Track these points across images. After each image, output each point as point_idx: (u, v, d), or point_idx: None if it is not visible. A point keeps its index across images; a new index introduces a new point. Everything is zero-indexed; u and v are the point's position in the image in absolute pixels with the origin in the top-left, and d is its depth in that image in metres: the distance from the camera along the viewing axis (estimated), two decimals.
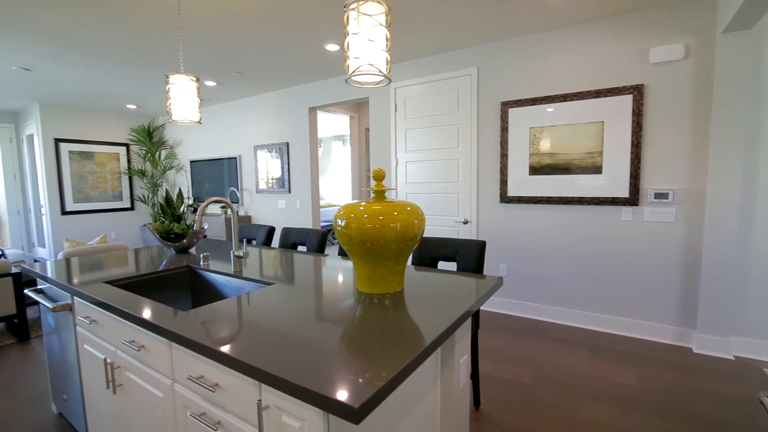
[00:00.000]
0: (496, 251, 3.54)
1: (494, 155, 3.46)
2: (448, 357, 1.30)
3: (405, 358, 0.88)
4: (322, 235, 2.41)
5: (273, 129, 5.11)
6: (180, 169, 6.54)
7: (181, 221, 2.28)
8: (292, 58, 3.73)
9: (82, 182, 5.98)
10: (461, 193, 3.65)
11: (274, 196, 5.19)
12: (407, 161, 3.95)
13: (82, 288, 1.55)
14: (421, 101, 3.80)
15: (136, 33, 3.03)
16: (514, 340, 2.96)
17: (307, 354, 0.91)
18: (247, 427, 0.94)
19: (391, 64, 1.44)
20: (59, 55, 3.53)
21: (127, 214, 6.56)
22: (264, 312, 1.22)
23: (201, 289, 1.90)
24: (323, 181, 9.69)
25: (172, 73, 2.10)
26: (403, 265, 1.41)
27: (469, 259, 1.87)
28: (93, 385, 1.62)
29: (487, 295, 1.43)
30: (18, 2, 2.49)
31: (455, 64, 3.59)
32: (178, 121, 2.13)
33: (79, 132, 5.93)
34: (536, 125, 3.22)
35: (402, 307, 1.25)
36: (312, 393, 0.75)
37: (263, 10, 2.69)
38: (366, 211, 1.30)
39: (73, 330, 1.70)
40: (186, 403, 1.12)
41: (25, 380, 2.50)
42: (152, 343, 1.23)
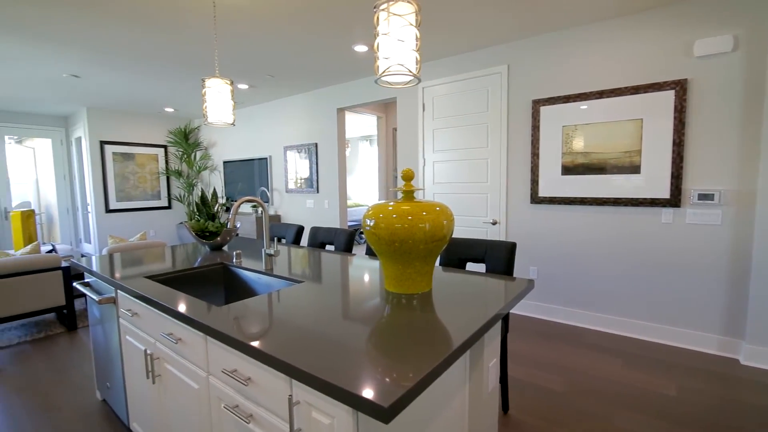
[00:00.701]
0: (526, 253, 3.45)
1: (525, 155, 3.37)
2: (477, 360, 1.28)
3: (434, 359, 0.88)
4: (350, 234, 2.43)
5: (302, 130, 5.21)
6: (214, 170, 6.78)
7: (215, 220, 2.36)
8: (322, 60, 3.78)
9: (124, 182, 6.32)
10: (490, 193, 3.59)
11: (303, 196, 5.29)
12: (435, 161, 3.92)
13: (125, 282, 1.64)
14: (449, 101, 3.76)
15: (175, 40, 3.17)
16: (545, 344, 2.88)
17: (336, 352, 0.92)
18: (278, 422, 0.96)
19: (420, 64, 1.43)
20: (105, 62, 3.74)
21: (164, 212, 6.87)
22: (294, 309, 1.24)
23: (234, 285, 1.97)
24: (350, 181, 9.78)
25: (208, 77, 2.18)
26: (432, 266, 1.40)
27: (499, 261, 1.84)
28: (134, 374, 1.71)
29: (518, 298, 1.40)
30: (70, 15, 2.66)
31: (485, 62, 3.53)
32: (213, 122, 2.21)
33: (122, 134, 6.27)
34: (569, 123, 3.12)
35: (430, 307, 1.24)
36: (342, 391, 0.76)
37: (294, 13, 2.74)
38: (395, 211, 1.30)
39: (117, 321, 1.80)
40: (220, 396, 1.16)
41: (72, 367, 2.67)
42: (189, 336, 1.28)
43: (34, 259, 3.16)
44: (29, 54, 3.46)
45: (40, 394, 2.33)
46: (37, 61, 3.65)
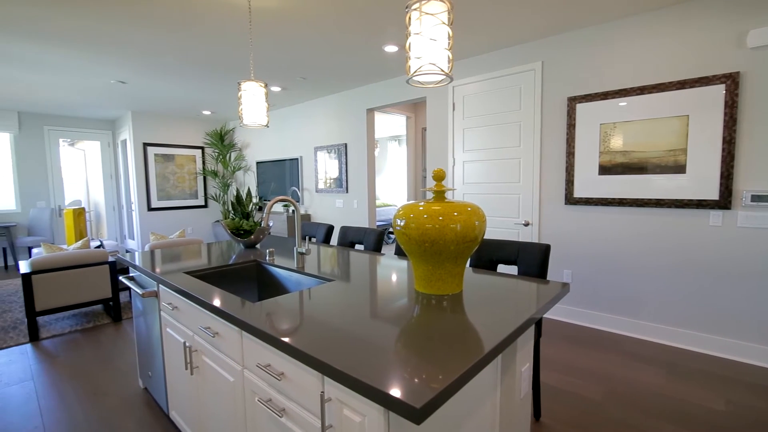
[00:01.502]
0: (560, 255, 3.34)
1: (559, 154, 3.26)
2: (509, 364, 1.25)
3: (466, 362, 0.87)
4: (379, 234, 2.44)
5: (332, 131, 5.28)
6: (247, 170, 7.00)
7: (249, 218, 2.44)
8: (352, 61, 3.82)
9: (164, 182, 6.64)
10: (522, 193, 3.50)
11: (333, 196, 5.36)
12: (465, 161, 3.86)
13: (166, 277, 1.72)
14: (480, 99, 3.70)
15: (213, 45, 3.30)
16: (580, 351, 2.77)
17: (367, 351, 0.92)
18: (310, 417, 0.98)
19: (452, 63, 1.42)
20: (149, 69, 3.94)
21: (201, 211, 7.17)
22: (324, 308, 1.26)
23: (266, 282, 2.02)
24: (379, 181, 9.81)
25: (244, 80, 2.25)
26: (463, 267, 1.39)
27: (532, 263, 1.79)
28: (173, 365, 1.79)
29: (552, 302, 1.36)
30: (119, 26, 2.83)
31: (518, 59, 3.44)
32: (248, 124, 2.28)
33: (163, 136, 6.59)
34: (607, 121, 2.99)
35: (461, 309, 1.23)
36: (373, 389, 0.76)
37: (327, 15, 2.78)
38: (425, 211, 1.29)
39: (158, 314, 1.90)
40: (254, 389, 1.20)
41: (117, 356, 2.83)
42: (225, 330, 1.33)
43: (85, 254, 3.38)
44: (83, 63, 3.70)
45: (89, 381, 2.49)
46: (89, 69, 3.90)
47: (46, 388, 2.41)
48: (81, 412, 2.14)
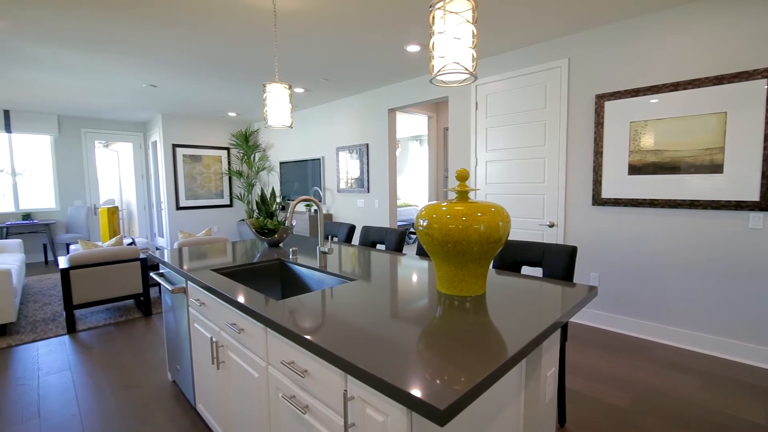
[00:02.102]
0: (587, 258, 3.25)
1: (586, 153, 3.17)
2: (533, 368, 1.22)
3: (490, 364, 0.85)
4: (401, 234, 2.44)
5: (354, 131, 5.32)
6: (271, 170, 7.13)
7: (273, 218, 2.48)
8: (374, 62, 3.83)
9: (192, 182, 6.85)
10: (547, 194, 3.42)
11: (354, 196, 5.40)
12: (487, 161, 3.81)
13: (194, 273, 1.78)
14: (503, 98, 3.64)
15: (239, 49, 3.38)
16: (608, 357, 2.68)
17: (389, 350, 0.92)
18: (332, 415, 0.99)
19: (476, 61, 1.40)
20: (178, 73, 4.08)
21: (226, 210, 7.36)
22: (347, 307, 1.27)
23: (289, 280, 2.05)
24: (400, 181, 9.80)
25: (269, 82, 2.30)
26: (486, 268, 1.37)
27: (558, 266, 1.75)
28: (200, 359, 1.85)
29: (579, 306, 1.32)
30: (151, 32, 2.94)
31: (543, 56, 3.37)
32: (273, 125, 2.32)
33: (191, 138, 6.81)
34: (638, 119, 2.88)
35: (484, 311, 1.21)
36: (397, 389, 0.76)
37: (349, 16, 2.80)
38: (448, 211, 1.28)
39: (186, 310, 1.96)
40: (278, 385, 1.22)
41: (148, 349, 2.95)
42: (250, 327, 1.36)
43: (118, 251, 3.53)
44: (117, 68, 3.86)
45: (122, 372, 2.60)
46: (123, 73, 4.07)
47: (82, 378, 2.53)
48: (114, 403, 2.24)
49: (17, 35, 3.01)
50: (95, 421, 2.07)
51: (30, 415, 2.13)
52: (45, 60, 3.61)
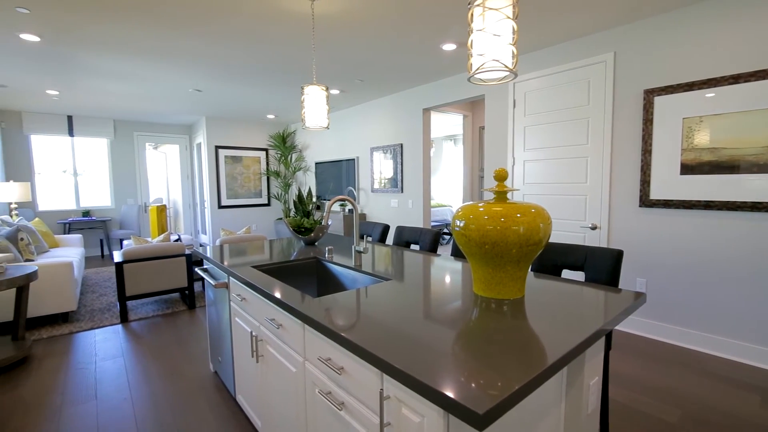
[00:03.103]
0: (633, 262, 3.07)
1: (633, 152, 3.00)
2: (575, 377, 1.17)
3: (531, 370, 0.83)
4: (435, 234, 2.42)
5: (388, 131, 5.33)
6: (307, 170, 7.30)
7: (310, 216, 2.54)
8: (409, 61, 3.83)
9: (232, 182, 7.14)
10: (589, 194, 3.27)
11: (387, 196, 5.42)
12: (525, 160, 3.70)
13: (236, 270, 1.85)
14: (543, 95, 3.52)
15: (277, 52, 3.48)
16: (655, 368, 2.53)
17: (425, 351, 0.92)
18: (368, 413, 1.00)
19: (517, 58, 1.36)
20: (221, 77, 4.27)
21: (264, 209, 7.61)
22: (382, 306, 1.27)
23: (325, 278, 2.09)
24: (433, 181, 9.73)
25: (307, 85, 2.35)
26: (525, 271, 1.33)
27: (602, 270, 1.66)
28: (241, 352, 1.92)
29: (626, 313, 1.25)
30: (196, 40, 3.10)
31: (586, 51, 3.22)
32: (310, 126, 2.38)
33: (232, 140, 7.10)
34: (692, 115, 2.69)
35: (522, 315, 1.18)
36: (434, 391, 0.76)
37: (386, 17, 2.82)
38: (486, 212, 1.26)
39: (228, 304, 2.04)
40: (315, 381, 1.25)
41: (192, 341, 3.10)
42: (289, 323, 1.40)
43: (166, 247, 3.74)
44: (165, 74, 4.10)
45: (168, 361, 2.76)
46: (171, 79, 4.31)
47: (134, 365, 2.70)
48: (161, 389, 2.38)
49: (81, 48, 3.26)
50: (144, 405, 2.21)
51: (88, 397, 2.31)
52: (104, 69, 3.89)
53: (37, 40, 3.10)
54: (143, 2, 2.51)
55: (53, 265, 3.38)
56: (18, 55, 3.45)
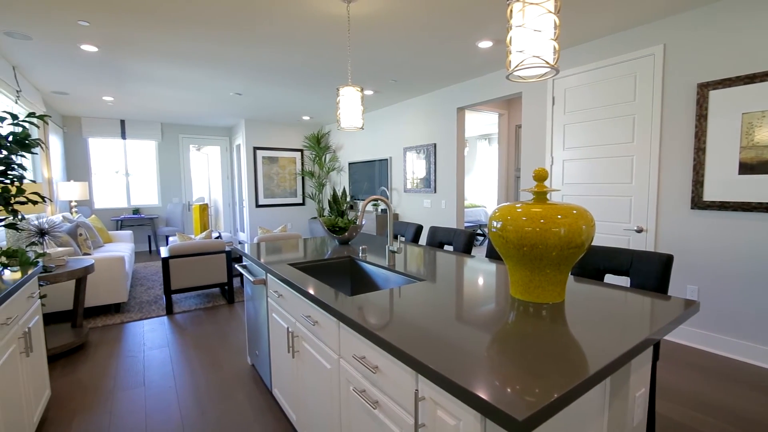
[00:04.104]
0: (682, 268, 2.88)
1: (684, 150, 2.81)
2: (619, 387, 1.12)
3: (573, 378, 0.80)
4: (470, 235, 2.38)
5: (421, 131, 5.31)
6: (340, 170, 7.41)
7: (344, 216, 2.58)
8: (443, 60, 3.79)
9: (269, 182, 7.37)
10: (635, 195, 3.10)
11: (420, 196, 5.39)
12: (564, 159, 3.56)
13: (273, 267, 1.91)
14: (585, 91, 3.37)
15: (314, 55, 3.56)
16: (707, 381, 2.36)
17: (460, 354, 0.91)
18: (402, 413, 1.00)
19: (559, 53, 1.31)
20: (260, 81, 4.41)
21: (299, 208, 7.80)
22: (417, 307, 1.27)
23: (359, 277, 2.11)
24: (467, 181, 9.58)
25: (342, 86, 2.39)
26: (566, 275, 1.28)
27: (649, 276, 1.57)
28: (277, 347, 1.98)
29: (676, 322, 1.18)
30: (237, 46, 3.22)
31: (632, 44, 3.06)
32: (345, 127, 2.41)
33: (269, 141, 7.33)
34: (753, 109, 2.49)
35: (562, 320, 1.14)
36: (472, 394, 0.74)
37: (421, 16, 2.80)
38: (524, 213, 1.22)
39: (265, 300, 2.11)
40: (349, 378, 1.26)
41: (231, 334, 3.23)
42: (324, 320, 1.42)
43: (208, 244, 3.92)
44: (208, 78, 4.30)
45: (209, 353, 2.89)
46: (214, 83, 4.51)
47: (178, 355, 2.85)
48: (203, 379, 2.50)
49: (133, 56, 3.49)
50: (187, 393, 2.32)
51: (137, 383, 2.46)
52: (153, 76, 4.13)
53: (95, 50, 3.34)
54: (188, 11, 2.64)
55: (107, 259, 3.63)
56: (79, 64, 3.73)
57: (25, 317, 1.87)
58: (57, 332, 3.04)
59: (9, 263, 2.16)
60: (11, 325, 1.67)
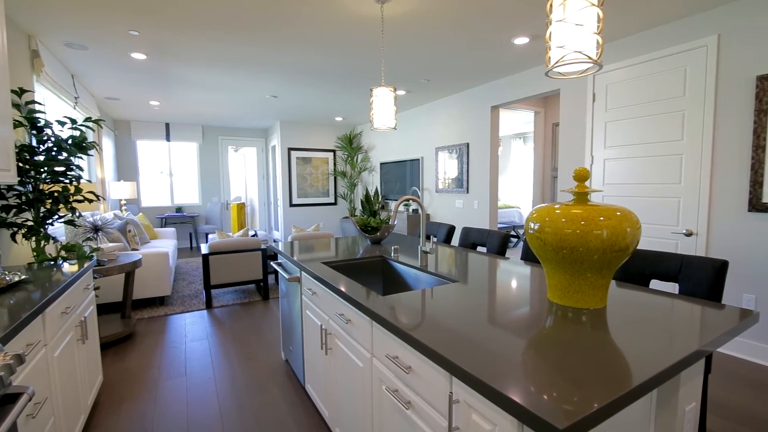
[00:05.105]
0: (738, 275, 2.68)
1: (741, 148, 2.61)
2: (667, 401, 1.05)
3: (617, 388, 0.76)
4: (504, 237, 2.33)
5: (454, 130, 5.24)
6: (372, 170, 7.45)
7: (376, 216, 2.59)
8: (477, 58, 3.72)
9: (302, 182, 7.54)
10: (684, 197, 2.91)
11: (452, 196, 5.33)
12: (606, 159, 3.40)
13: (307, 265, 1.95)
14: (628, 87, 3.21)
15: (348, 56, 3.60)
16: (764, 398, 2.18)
17: (495, 358, 0.89)
18: (436, 415, 0.99)
19: (602, 47, 1.26)
20: (295, 84, 4.52)
21: (331, 208, 7.92)
22: (449, 309, 1.26)
23: (391, 277, 2.12)
24: (500, 181, 9.37)
25: (376, 86, 2.40)
26: (608, 279, 1.22)
27: (700, 282, 1.47)
28: (310, 344, 2.02)
29: (732, 333, 1.10)
30: (273, 50, 3.32)
31: (681, 35, 2.87)
32: (378, 127, 2.42)
33: (303, 142, 7.49)
34: None
35: (604, 327, 1.09)
36: (508, 399, 0.73)
37: (456, 14, 2.77)
38: (564, 214, 1.18)
39: (299, 298, 2.16)
40: (382, 378, 1.27)
41: (265, 329, 3.33)
42: (357, 319, 1.44)
43: (245, 241, 4.06)
44: (247, 83, 4.45)
45: (245, 346, 2.99)
46: (251, 87, 4.67)
47: (216, 347, 2.98)
48: (239, 371, 2.59)
49: (178, 62, 3.67)
50: (225, 385, 2.42)
51: (179, 373, 2.59)
52: (196, 80, 4.34)
53: (144, 57, 3.55)
54: (228, 18, 2.75)
55: (153, 254, 3.85)
56: (129, 71, 3.98)
57: (82, 307, 2.01)
58: (108, 322, 3.26)
59: (68, 257, 2.33)
60: (70, 314, 1.81)
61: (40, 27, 2.86)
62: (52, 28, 2.89)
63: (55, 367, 1.57)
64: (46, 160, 2.28)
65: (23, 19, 2.72)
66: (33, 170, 2.25)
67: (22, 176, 2.22)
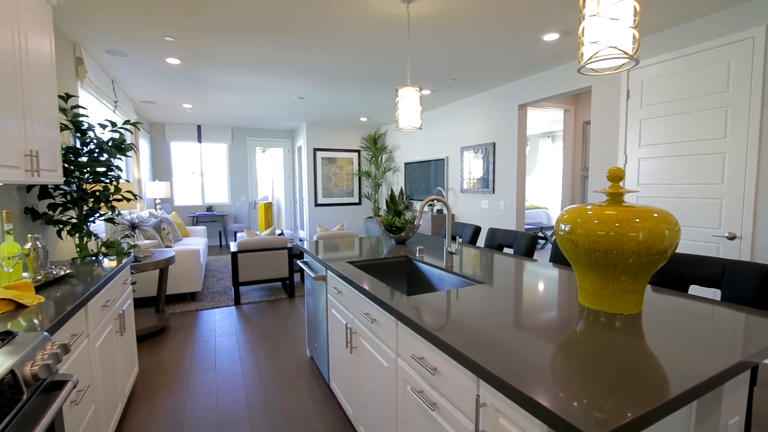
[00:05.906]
0: None
1: None
2: (708, 414, 1.00)
3: (652, 398, 0.73)
4: (532, 238, 2.27)
5: (479, 130, 5.17)
6: (396, 170, 7.45)
7: (401, 216, 2.59)
8: (504, 56, 3.65)
9: (327, 182, 7.63)
10: (726, 198, 2.75)
11: (477, 196, 5.25)
12: (640, 158, 3.26)
13: (334, 264, 1.97)
14: (665, 83, 3.06)
15: (373, 57, 3.61)
16: None
17: (523, 362, 0.87)
18: (462, 418, 0.98)
19: (639, 42, 1.21)
20: (321, 85, 4.58)
21: (355, 207, 7.98)
22: (475, 310, 1.24)
23: (416, 277, 2.11)
24: (528, 181, 9.16)
25: (401, 86, 2.40)
26: (644, 284, 1.17)
27: (746, 289, 1.39)
28: (335, 342, 2.04)
29: None
30: (299, 52, 3.38)
31: (724, 27, 2.71)
32: (403, 127, 2.42)
33: (328, 142, 7.58)
34: None
35: (639, 333, 1.04)
36: (538, 404, 0.71)
37: (483, 11, 2.73)
38: (596, 216, 1.14)
39: (325, 296, 2.19)
40: (407, 378, 1.27)
41: (291, 326, 3.40)
42: (382, 319, 1.44)
43: (272, 240, 4.15)
44: (274, 85, 4.55)
45: (271, 342, 3.06)
46: (277, 89, 4.77)
47: (244, 343, 3.06)
48: (266, 367, 2.65)
49: (210, 66, 3.80)
50: (252, 379, 2.48)
51: (209, 367, 2.68)
52: (226, 83, 4.47)
53: (178, 62, 3.69)
54: (257, 22, 2.82)
55: (185, 251, 3.99)
56: (164, 76, 4.15)
57: (120, 300, 2.11)
58: (143, 316, 3.41)
59: (108, 253, 2.46)
60: (109, 307, 1.91)
61: (84, 35, 3.03)
62: (95, 37, 3.06)
63: (97, 357, 1.66)
64: (89, 161, 2.41)
65: (69, 28, 2.89)
66: (77, 171, 2.39)
67: (67, 176, 2.36)
